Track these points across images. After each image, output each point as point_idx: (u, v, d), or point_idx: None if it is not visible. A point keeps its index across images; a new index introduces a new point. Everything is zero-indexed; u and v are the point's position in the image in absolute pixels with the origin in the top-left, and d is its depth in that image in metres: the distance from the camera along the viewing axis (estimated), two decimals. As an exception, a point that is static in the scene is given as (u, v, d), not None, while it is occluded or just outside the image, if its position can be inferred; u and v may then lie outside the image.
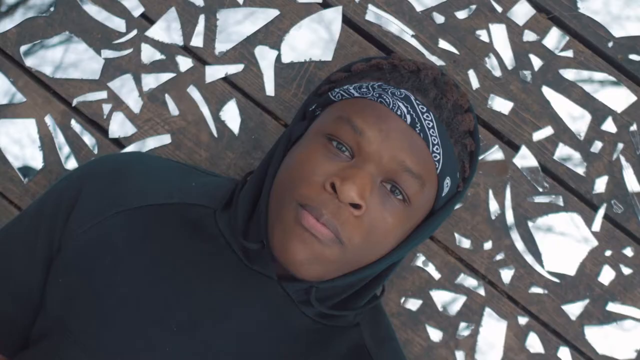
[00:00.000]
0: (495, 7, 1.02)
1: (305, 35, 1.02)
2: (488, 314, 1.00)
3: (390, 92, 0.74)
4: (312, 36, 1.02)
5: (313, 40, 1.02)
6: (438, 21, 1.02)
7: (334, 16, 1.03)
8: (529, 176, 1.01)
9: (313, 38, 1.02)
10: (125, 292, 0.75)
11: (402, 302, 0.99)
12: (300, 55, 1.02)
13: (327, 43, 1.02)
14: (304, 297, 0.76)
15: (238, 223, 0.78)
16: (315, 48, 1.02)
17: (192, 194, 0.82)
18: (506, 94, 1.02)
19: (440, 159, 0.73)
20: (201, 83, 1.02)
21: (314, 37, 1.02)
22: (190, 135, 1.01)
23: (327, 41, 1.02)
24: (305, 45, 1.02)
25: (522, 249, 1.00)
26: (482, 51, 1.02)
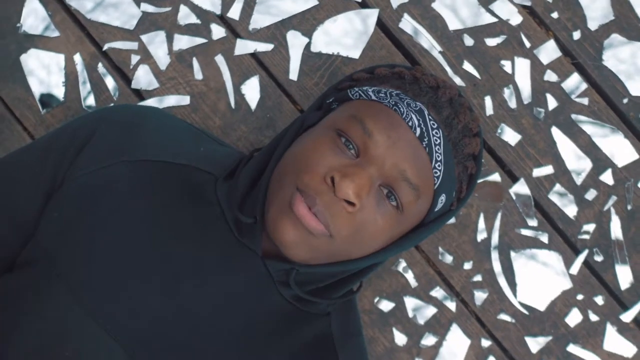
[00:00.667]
0: (524, 42, 1.05)
1: (338, 30, 1.05)
2: (454, 329, 1.03)
3: (406, 103, 0.76)
4: (344, 32, 1.05)
5: (344, 36, 1.05)
6: (467, 43, 1.05)
7: (369, 17, 1.05)
8: (521, 208, 1.04)
9: (345, 34, 1.05)
10: (116, 239, 0.77)
11: (375, 302, 1.03)
12: (329, 47, 1.05)
13: (357, 41, 1.05)
14: (283, 277, 0.79)
15: (236, 195, 0.80)
16: (345, 44, 1.05)
17: (198, 158, 0.85)
18: (516, 126, 1.05)
19: (440, 175, 0.76)
20: (229, 54, 1.04)
21: (346, 33, 1.05)
22: (208, 101, 1.04)
23: (357, 40, 1.05)
24: (336, 39, 1.05)
25: (499, 276, 1.04)
26: (502, 80, 1.05)
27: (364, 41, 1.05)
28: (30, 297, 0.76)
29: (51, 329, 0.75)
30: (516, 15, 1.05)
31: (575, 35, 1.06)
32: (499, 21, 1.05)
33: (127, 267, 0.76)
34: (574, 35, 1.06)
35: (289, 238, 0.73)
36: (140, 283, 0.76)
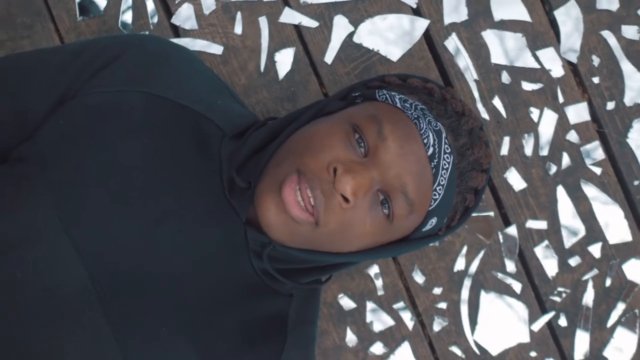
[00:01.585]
0: (558, 96, 1.05)
1: (385, 28, 1.05)
2: (404, 347, 1.04)
3: (428, 120, 0.76)
4: (390, 32, 1.05)
5: (389, 36, 1.05)
6: (504, 80, 1.05)
7: (419, 26, 1.05)
8: (505, 252, 1.05)
9: (391, 35, 1.05)
10: (111, 164, 0.78)
11: (339, 297, 1.04)
12: (371, 42, 1.05)
13: (399, 45, 1.05)
14: (258, 248, 0.80)
15: (239, 156, 0.81)
16: (387, 44, 1.05)
17: (214, 110, 0.85)
18: (525, 174, 1.05)
19: (438, 199, 0.76)
20: (274, 19, 1.04)
21: (392, 34, 1.05)
22: (240, 58, 1.04)
23: (400, 44, 1.05)
24: (380, 36, 1.05)
25: (463, 310, 1.05)
26: (526, 126, 1.05)
27: (406, 47, 1.05)
28: (11, 193, 0.77)
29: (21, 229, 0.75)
30: (559, 68, 1.05)
31: (609, 106, 1.06)
32: (541, 69, 1.05)
33: (114, 195, 0.77)
34: (607, 105, 1.06)
35: (270, 217, 0.74)
36: (122, 215, 0.76)
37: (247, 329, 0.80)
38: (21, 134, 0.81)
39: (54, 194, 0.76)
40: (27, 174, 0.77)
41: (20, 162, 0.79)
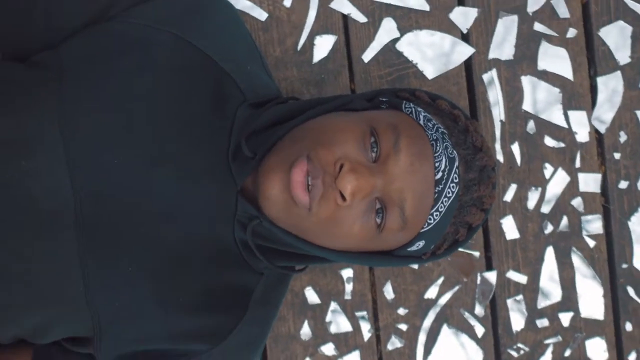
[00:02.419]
0: (576, 160, 1.05)
1: (430, 44, 1.04)
2: (354, 355, 1.05)
3: (445, 145, 0.76)
4: (434, 50, 1.04)
5: (431, 53, 1.04)
6: (528, 128, 1.05)
7: (463, 52, 1.05)
8: (478, 295, 1.05)
9: (430, 52, 1.04)
10: (124, 94, 0.77)
11: (306, 289, 1.04)
12: (412, 54, 1.04)
13: (438, 65, 1.04)
14: (244, 220, 0.79)
15: (252, 125, 0.80)
16: (427, 61, 1.04)
17: (241, 73, 0.85)
18: (521, 226, 1.05)
19: (432, 224, 0.76)
20: (326, 2, 1.04)
21: (434, 52, 1.04)
22: (281, 30, 1.04)
23: (440, 64, 1.04)
24: (422, 50, 1.04)
25: (422, 337, 1.05)
26: (536, 180, 1.05)
27: (444, 69, 1.04)
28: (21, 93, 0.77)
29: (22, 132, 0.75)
30: (585, 134, 1.05)
31: (622, 184, 1.06)
32: (568, 129, 1.05)
33: (118, 126, 0.76)
34: (621, 183, 1.06)
35: (272, 192, 0.74)
36: (121, 146, 0.76)
37: (211, 293, 0.80)
38: (47, 41, 0.81)
39: (62, 107, 0.75)
40: (41, 80, 0.77)
41: (38, 68, 0.78)
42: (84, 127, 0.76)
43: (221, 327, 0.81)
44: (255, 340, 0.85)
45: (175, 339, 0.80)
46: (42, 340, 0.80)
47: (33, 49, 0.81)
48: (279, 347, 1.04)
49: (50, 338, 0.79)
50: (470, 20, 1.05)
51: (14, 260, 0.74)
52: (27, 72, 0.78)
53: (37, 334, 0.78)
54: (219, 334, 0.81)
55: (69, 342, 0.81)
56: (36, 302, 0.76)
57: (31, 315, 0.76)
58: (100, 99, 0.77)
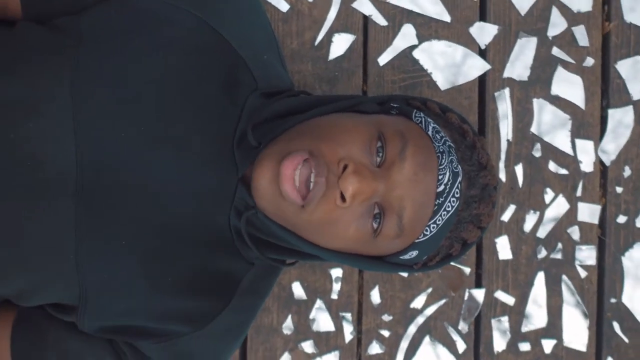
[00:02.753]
0: (578, 189, 1.05)
1: (447, 56, 1.04)
2: (333, 356, 1.05)
3: (451, 159, 0.76)
4: (450, 61, 1.04)
5: (446, 65, 1.04)
6: (534, 151, 1.05)
7: (478, 67, 1.05)
8: (464, 311, 1.05)
9: (449, 64, 1.04)
10: (138, 70, 0.77)
11: (293, 284, 1.04)
12: (428, 63, 1.04)
13: (452, 77, 1.04)
14: (241, 208, 0.79)
15: (261, 114, 0.80)
16: (442, 72, 1.04)
17: (256, 61, 0.84)
18: (515, 248, 1.05)
19: (428, 235, 0.76)
20: (347, 0, 1.03)
21: (450, 64, 1.04)
22: (300, 23, 1.03)
23: (454, 76, 1.04)
24: (438, 61, 1.04)
25: (403, 346, 1.05)
26: (536, 204, 1.05)
27: (458, 82, 1.04)
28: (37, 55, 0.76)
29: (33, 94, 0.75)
30: (590, 164, 1.05)
31: (621, 219, 1.06)
32: (573, 157, 1.05)
33: (128, 101, 0.76)
34: (619, 218, 1.06)
35: (261, 184, 0.74)
36: (128, 122, 0.76)
37: (199, 277, 0.80)
38: (70, 6, 0.80)
39: (76, 73, 0.75)
40: (59, 45, 0.77)
41: (58, 32, 0.78)
42: (95, 96, 0.75)
43: (206, 312, 0.81)
44: (237, 328, 0.85)
45: (158, 318, 0.80)
46: (27, 303, 0.80)
47: (56, 13, 0.81)
48: (259, 338, 1.04)
49: (35, 302, 0.79)
50: (489, 37, 1.04)
51: (8, 220, 0.74)
52: (46, 35, 0.78)
53: (23, 296, 0.78)
54: (203, 318, 0.81)
55: (52, 307, 0.81)
56: (25, 264, 0.76)
57: (19, 277, 0.76)
58: (113, 71, 0.77)
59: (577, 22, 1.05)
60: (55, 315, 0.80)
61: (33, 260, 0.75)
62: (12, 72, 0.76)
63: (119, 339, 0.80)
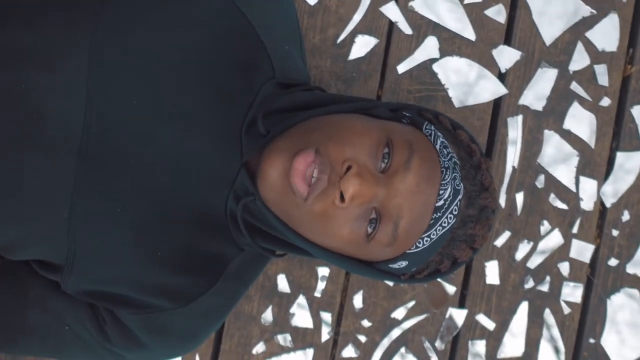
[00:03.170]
0: (574, 226, 1.05)
1: (466, 74, 1.04)
2: (307, 353, 1.05)
3: (454, 175, 0.76)
4: (468, 80, 1.04)
5: (465, 83, 1.04)
6: (537, 181, 1.05)
7: (495, 92, 1.05)
8: (444, 329, 1.05)
9: (467, 81, 1.04)
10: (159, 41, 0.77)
11: (279, 276, 1.04)
12: (446, 79, 1.04)
13: (467, 95, 1.04)
14: (240, 193, 0.79)
15: (274, 104, 0.80)
16: (458, 88, 1.04)
17: (277, 50, 0.84)
18: (503, 274, 1.05)
19: (420, 248, 0.76)
20: (377, 4, 1.03)
21: (468, 82, 1.04)
22: (326, 19, 1.03)
23: (468, 94, 1.04)
24: (457, 78, 1.04)
25: (377, 354, 1.05)
26: (530, 234, 1.05)
27: (472, 102, 1.04)
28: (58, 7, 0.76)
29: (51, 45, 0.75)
30: (590, 203, 1.05)
31: (612, 262, 1.06)
32: (575, 194, 1.05)
33: (146, 70, 0.76)
34: (611, 260, 1.06)
35: (271, 175, 0.74)
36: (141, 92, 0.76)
37: (188, 255, 0.80)
38: None
39: (96, 33, 0.75)
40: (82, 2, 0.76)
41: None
42: (112, 59, 0.75)
43: (189, 290, 0.81)
44: (218, 311, 0.85)
45: (142, 290, 0.80)
46: (13, 257, 0.79)
47: None
48: (237, 323, 1.04)
49: (22, 256, 0.79)
50: (511, 62, 1.04)
51: (8, 171, 0.74)
52: None
53: (10, 249, 0.78)
54: (186, 296, 0.81)
55: (38, 264, 0.81)
56: (19, 215, 0.76)
57: (9, 229, 0.76)
58: (133, 39, 0.76)
59: (600, 61, 1.04)
60: (40, 272, 0.80)
61: (27, 212, 0.75)
62: (29, 22, 0.75)
63: (100, 305, 0.80)
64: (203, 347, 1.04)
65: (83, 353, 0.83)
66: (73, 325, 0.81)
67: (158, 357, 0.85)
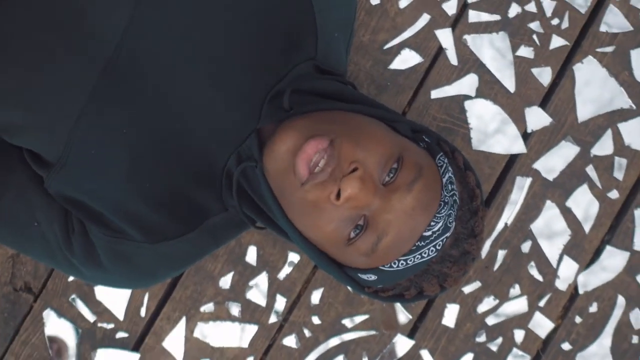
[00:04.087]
0: (542, 300, 1.06)
1: (492, 120, 1.04)
2: (249, 328, 1.05)
3: (449, 213, 0.76)
4: (492, 126, 1.04)
5: (488, 128, 1.04)
6: (524, 247, 1.05)
7: (514, 146, 1.05)
8: (385, 352, 1.06)
9: (490, 127, 1.04)
10: None
11: (250, 246, 1.04)
12: (472, 119, 1.04)
13: (485, 140, 1.05)
14: (244, 156, 0.80)
15: (305, 85, 0.80)
16: (481, 131, 1.04)
17: (326, 34, 0.84)
18: (460, 320, 1.06)
19: (393, 269, 0.76)
20: (434, 25, 1.03)
21: (491, 128, 1.04)
22: (380, 22, 1.03)
23: (487, 140, 1.05)
24: (483, 121, 1.04)
25: (316, 352, 1.05)
26: (498, 292, 1.06)
27: (490, 149, 1.05)
28: None
29: None
30: (565, 284, 1.06)
31: (565, 346, 1.07)
32: (554, 270, 1.06)
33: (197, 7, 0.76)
34: (565, 344, 1.07)
35: (280, 147, 0.74)
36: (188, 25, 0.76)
37: (174, 197, 0.81)
38: None
39: None
40: None
41: None
42: None
43: (164, 230, 0.81)
44: (183, 258, 0.85)
45: (119, 214, 0.80)
46: (9, 139, 0.80)
47: None
48: (195, 277, 1.04)
49: (17, 141, 0.79)
50: (539, 125, 1.05)
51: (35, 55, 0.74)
52: None
53: (9, 131, 0.78)
54: (159, 234, 0.81)
55: (30, 155, 0.81)
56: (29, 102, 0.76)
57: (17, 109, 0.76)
58: None
59: (623, 154, 1.05)
60: (29, 163, 0.81)
61: (40, 99, 0.75)
62: None
63: (75, 214, 0.81)
64: (155, 289, 1.05)
65: (43, 254, 0.83)
66: (43, 223, 0.81)
67: (112, 282, 0.86)
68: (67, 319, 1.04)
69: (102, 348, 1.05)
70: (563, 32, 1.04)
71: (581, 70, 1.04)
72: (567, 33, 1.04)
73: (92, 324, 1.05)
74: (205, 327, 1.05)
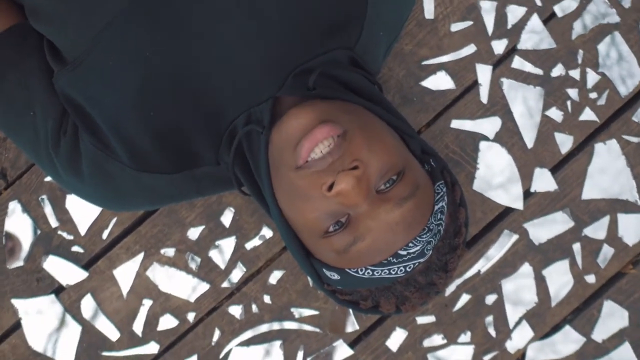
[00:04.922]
0: (487, 357, 1.06)
1: (500, 169, 1.04)
2: (201, 286, 1.05)
3: (430, 240, 0.76)
4: (498, 174, 1.04)
5: (493, 174, 1.04)
6: (487, 299, 1.05)
7: (511, 200, 1.05)
8: (322, 352, 1.05)
9: (496, 174, 1.04)
10: None
11: (228, 208, 1.04)
12: (483, 162, 1.04)
13: (487, 185, 1.04)
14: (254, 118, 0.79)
15: (335, 72, 0.80)
16: (486, 175, 1.04)
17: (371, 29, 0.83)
18: (403, 347, 1.06)
19: (359, 275, 0.76)
20: (477, 57, 1.03)
21: (496, 176, 1.04)
22: (427, 37, 1.03)
23: (488, 185, 1.04)
24: (491, 167, 1.04)
25: (257, 330, 1.05)
26: (450, 334, 1.05)
27: (488, 195, 1.04)
28: None
29: None
30: (515, 347, 1.06)
31: None
32: (508, 331, 1.06)
33: None
34: None
35: (292, 122, 0.73)
36: None
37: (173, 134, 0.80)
38: None
39: None
40: None
41: None
42: None
43: (152, 162, 0.81)
44: (163, 195, 0.84)
45: (115, 131, 0.79)
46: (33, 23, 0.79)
47: None
48: (166, 219, 1.04)
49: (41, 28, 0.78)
50: (543, 189, 1.05)
51: None
52: None
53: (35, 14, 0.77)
54: (146, 164, 0.80)
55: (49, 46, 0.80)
56: None
57: None
58: None
59: (612, 244, 1.05)
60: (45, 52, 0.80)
61: None
62: None
63: (73, 117, 0.80)
64: (124, 217, 1.04)
65: (28, 145, 0.83)
66: (38, 115, 0.80)
67: (84, 195, 0.85)
68: (30, 216, 1.04)
69: (54, 255, 1.04)
70: (597, 107, 1.03)
71: (601, 151, 1.04)
72: (601, 110, 1.04)
73: (52, 229, 1.04)
74: (159, 269, 1.04)
